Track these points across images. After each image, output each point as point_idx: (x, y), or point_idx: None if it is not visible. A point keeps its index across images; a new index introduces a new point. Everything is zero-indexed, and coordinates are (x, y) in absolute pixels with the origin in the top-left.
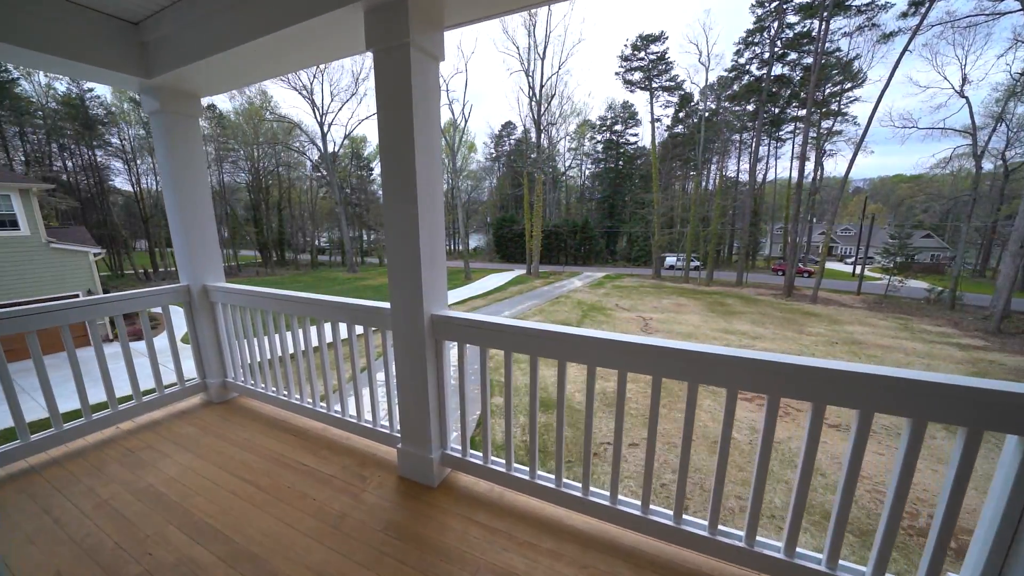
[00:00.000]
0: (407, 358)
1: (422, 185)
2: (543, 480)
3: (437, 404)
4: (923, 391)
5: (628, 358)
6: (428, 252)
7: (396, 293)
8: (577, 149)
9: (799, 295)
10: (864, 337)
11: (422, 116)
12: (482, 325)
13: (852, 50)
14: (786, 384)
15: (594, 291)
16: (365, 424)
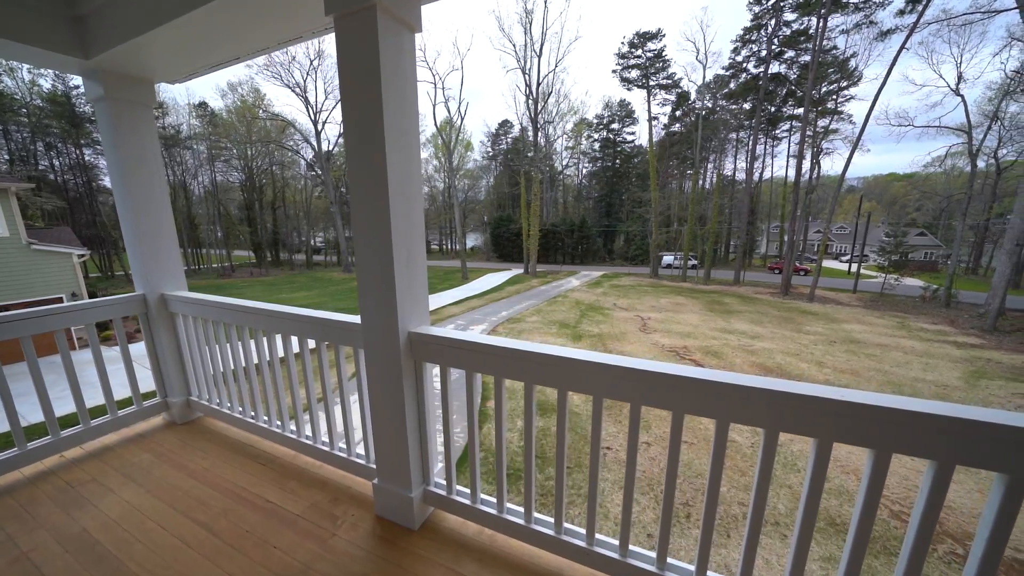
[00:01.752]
0: (381, 382)
1: (395, 176)
2: (540, 526)
3: (418, 435)
4: (881, 416)
5: (645, 388)
6: (404, 257)
7: (367, 307)
8: (574, 148)
9: (796, 293)
10: (862, 336)
11: (394, 94)
12: (468, 346)
13: (849, 48)
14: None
15: (592, 290)
16: (339, 453)
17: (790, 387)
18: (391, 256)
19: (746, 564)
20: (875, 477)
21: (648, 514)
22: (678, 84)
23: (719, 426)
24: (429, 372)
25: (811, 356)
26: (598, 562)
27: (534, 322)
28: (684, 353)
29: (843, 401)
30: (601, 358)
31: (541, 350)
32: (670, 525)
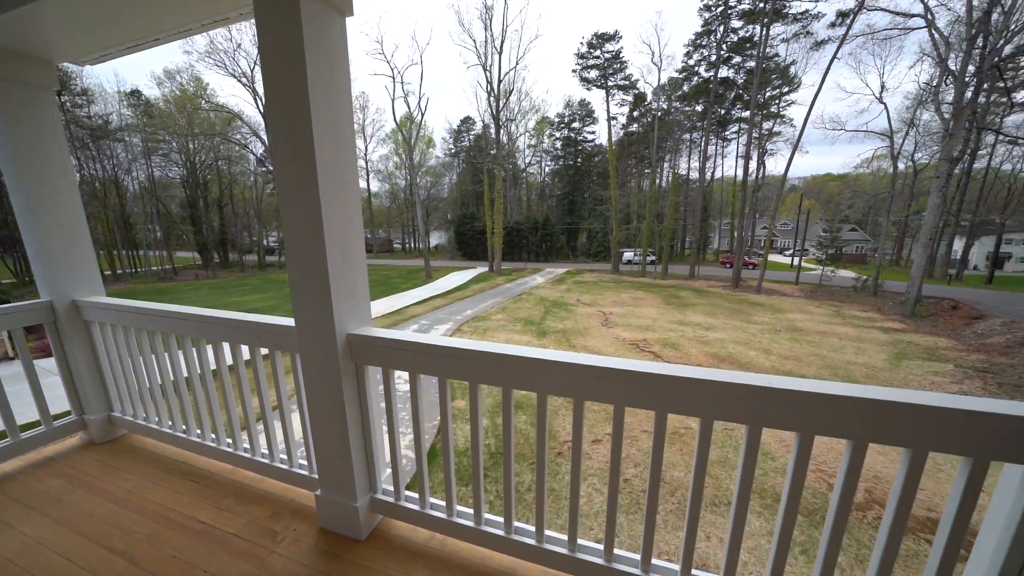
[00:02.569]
0: (319, 388)
1: (326, 170)
2: (491, 527)
3: (362, 441)
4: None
5: (588, 383)
6: (339, 254)
7: (300, 309)
8: (536, 146)
9: (745, 286)
10: (803, 324)
11: (323, 83)
12: (411, 346)
13: (789, 56)
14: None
15: (556, 287)
16: (280, 465)
17: (723, 376)
18: (324, 254)
19: (688, 545)
20: (800, 458)
21: (603, 502)
22: (635, 85)
23: (658, 417)
24: (372, 375)
25: (759, 344)
26: (547, 559)
27: (500, 320)
28: (644, 346)
29: (769, 388)
30: (545, 354)
31: (485, 348)
32: (615, 518)
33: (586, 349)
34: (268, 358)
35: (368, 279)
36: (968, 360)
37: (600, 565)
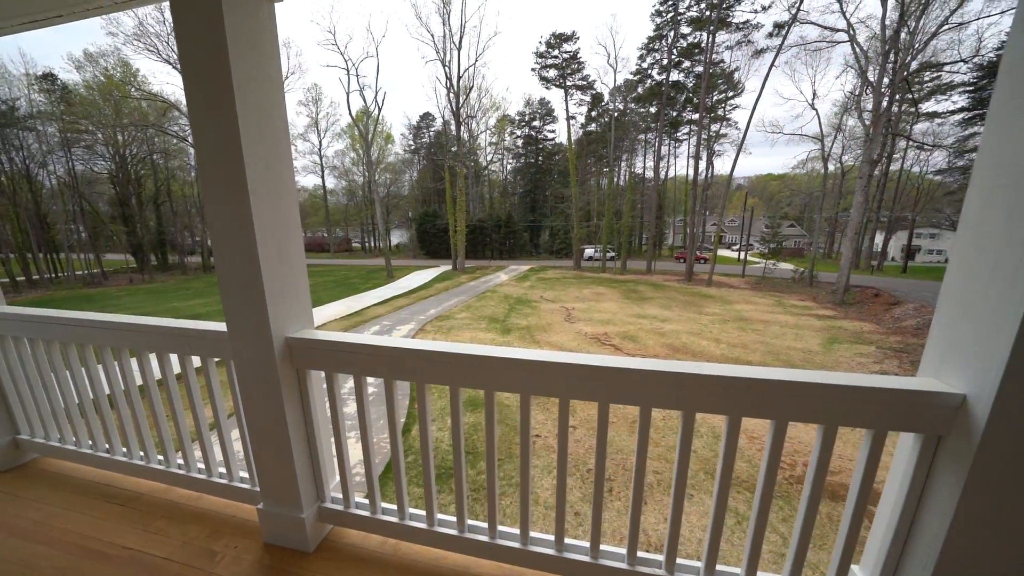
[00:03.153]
0: (256, 395)
1: (255, 163)
2: (444, 527)
3: (307, 450)
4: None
5: (534, 377)
6: (274, 254)
7: (232, 312)
8: (498, 144)
9: (698, 279)
10: (749, 314)
11: (248, 70)
12: (355, 348)
13: (733, 63)
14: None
15: (520, 284)
16: (219, 481)
17: (659, 366)
18: (256, 253)
19: (632, 527)
20: (730, 439)
21: (575, 493)
22: (592, 86)
23: (601, 408)
24: (315, 380)
25: (710, 334)
26: (500, 554)
27: (464, 318)
28: (604, 339)
29: (700, 375)
30: (493, 351)
31: (432, 347)
32: (564, 508)
33: (549, 345)
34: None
35: (324, 280)
36: (887, 342)
37: (551, 556)
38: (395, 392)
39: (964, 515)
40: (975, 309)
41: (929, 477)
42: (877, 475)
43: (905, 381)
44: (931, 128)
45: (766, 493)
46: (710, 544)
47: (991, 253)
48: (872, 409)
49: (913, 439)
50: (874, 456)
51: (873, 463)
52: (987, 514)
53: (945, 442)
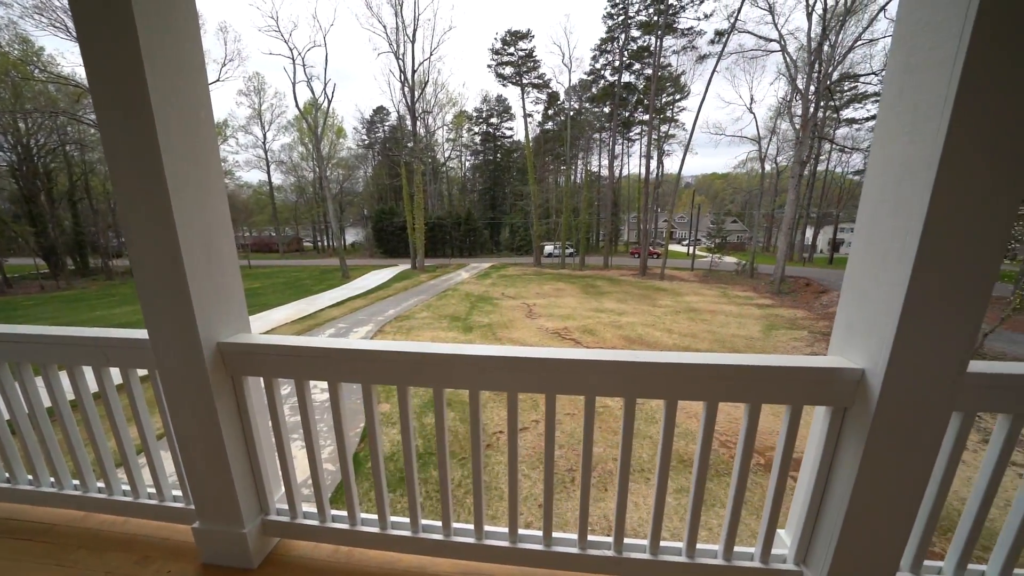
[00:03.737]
0: (185, 407)
1: (174, 155)
2: (398, 529)
3: (246, 461)
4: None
5: (484, 374)
6: (201, 254)
7: (153, 317)
8: (456, 140)
9: (651, 273)
10: (698, 305)
11: (162, 52)
12: (297, 351)
13: (679, 67)
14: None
15: (481, 282)
16: (147, 502)
17: (604, 356)
18: (179, 252)
19: (582, 514)
20: (668, 422)
21: (540, 486)
22: (548, 84)
23: (548, 400)
24: (253, 387)
25: (663, 325)
26: (455, 551)
27: (424, 318)
28: (565, 334)
29: (641, 363)
30: (440, 348)
31: (378, 347)
32: (517, 500)
33: (511, 341)
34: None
35: (274, 282)
36: (818, 327)
37: (505, 547)
38: (342, 395)
39: (865, 475)
40: (869, 294)
41: (838, 444)
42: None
43: (816, 360)
44: (850, 133)
45: (701, 470)
46: (654, 522)
47: (880, 243)
48: (789, 387)
49: (824, 412)
50: (792, 429)
51: (792, 435)
52: (882, 473)
53: (850, 412)
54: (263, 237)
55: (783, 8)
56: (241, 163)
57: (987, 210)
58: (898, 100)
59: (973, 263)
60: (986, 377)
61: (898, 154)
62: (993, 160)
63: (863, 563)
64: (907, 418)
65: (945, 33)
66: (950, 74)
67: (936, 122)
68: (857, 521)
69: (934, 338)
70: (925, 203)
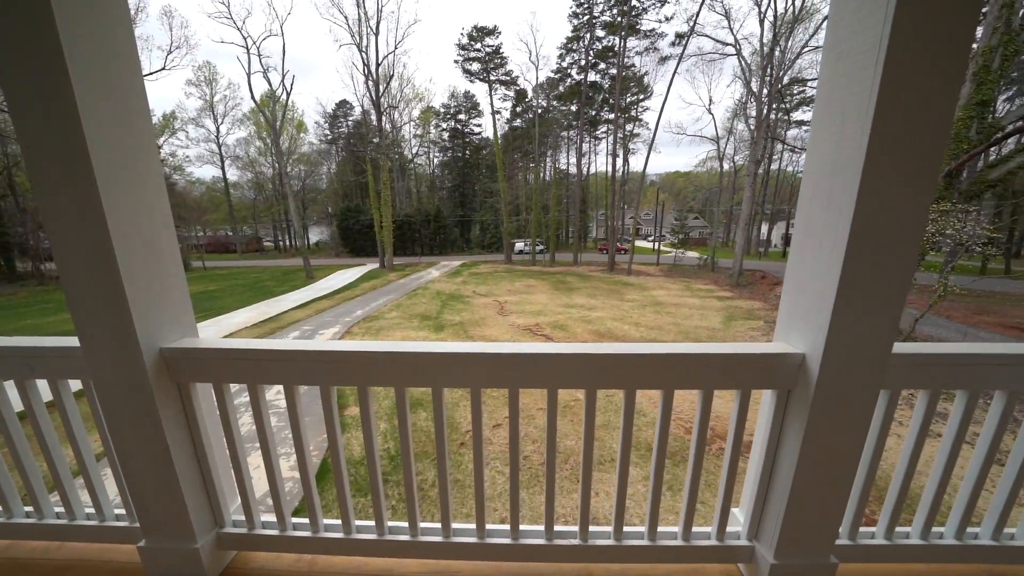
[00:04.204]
0: (125, 418)
1: (101, 144)
2: (363, 533)
3: (197, 472)
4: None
5: (447, 372)
6: (139, 252)
7: (84, 323)
8: (423, 136)
9: (619, 269)
10: (663, 299)
11: (87, 32)
12: (250, 354)
13: (643, 67)
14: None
15: (452, 280)
16: (86, 523)
17: (565, 349)
18: (111, 252)
19: (548, 503)
20: (627, 411)
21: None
22: (516, 81)
23: (512, 394)
24: (202, 394)
25: (631, 319)
26: (423, 551)
27: (394, 318)
28: (536, 330)
29: (601, 355)
30: (402, 346)
31: (335, 347)
32: (483, 496)
33: (483, 338)
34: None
35: (232, 284)
36: (772, 316)
37: (473, 543)
38: (299, 399)
39: (806, 452)
40: (807, 283)
41: (783, 425)
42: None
43: (762, 347)
44: (800, 134)
45: (660, 456)
46: (616, 509)
47: (815, 236)
48: (738, 373)
49: (770, 395)
50: (742, 413)
51: (742, 419)
52: (821, 449)
53: (793, 394)
54: (219, 237)
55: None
56: (192, 158)
57: (904, 206)
58: (829, 104)
59: (894, 254)
60: (908, 357)
61: (829, 154)
62: (909, 161)
63: (807, 534)
64: (842, 397)
65: (866, 44)
66: (872, 81)
67: (861, 125)
68: (801, 495)
69: (864, 323)
70: (853, 199)
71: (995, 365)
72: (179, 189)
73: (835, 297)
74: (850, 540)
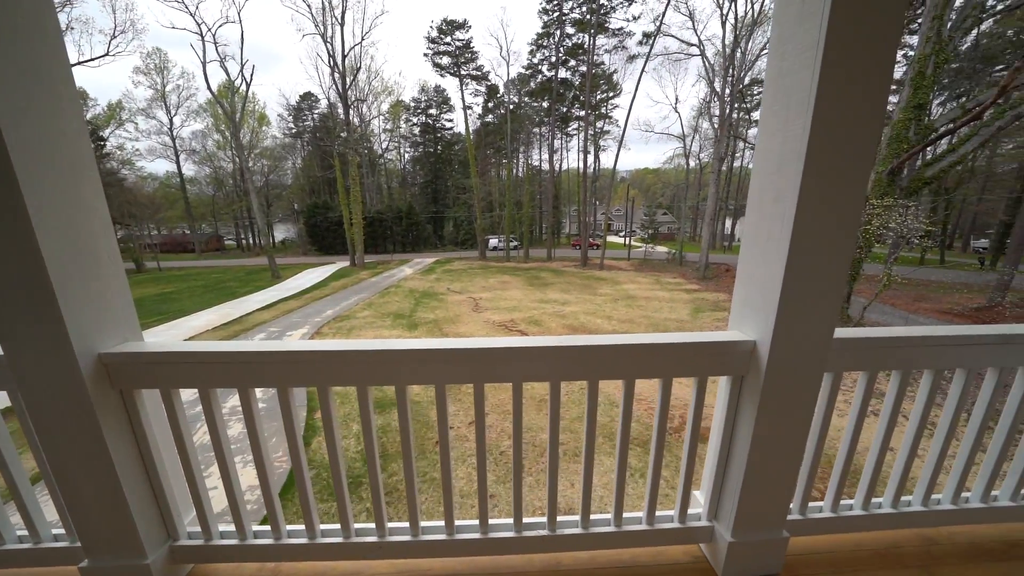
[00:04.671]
0: (60, 431)
1: (22, 141)
2: (329, 537)
3: (146, 484)
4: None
5: (411, 369)
6: (68, 251)
7: (10, 329)
8: (393, 131)
9: (592, 264)
10: (635, 292)
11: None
12: (199, 357)
13: (612, 65)
14: None
15: (425, 277)
16: (17, 546)
17: (528, 342)
18: (39, 253)
19: (516, 496)
20: (591, 402)
21: (488, 477)
22: (487, 77)
23: (476, 389)
24: (149, 401)
25: (604, 313)
26: (391, 551)
27: (366, 317)
28: (511, 325)
29: (564, 347)
30: (365, 345)
31: (294, 347)
32: (451, 493)
33: (458, 335)
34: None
35: (191, 285)
36: None
37: (443, 540)
38: (254, 402)
39: (759, 433)
40: (757, 273)
41: (738, 409)
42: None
43: (716, 335)
44: None
45: (623, 444)
46: (583, 498)
47: (764, 228)
48: (695, 361)
49: (725, 381)
50: (700, 399)
51: (700, 405)
52: (772, 430)
53: (746, 380)
54: (175, 235)
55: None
56: (143, 151)
57: (842, 197)
58: (774, 101)
59: (833, 244)
60: (848, 341)
61: (776, 148)
62: (845, 156)
63: (761, 511)
64: (790, 381)
65: (805, 45)
66: (811, 80)
67: (803, 120)
68: (755, 475)
69: (808, 310)
70: (796, 191)
71: (921, 347)
72: (129, 184)
73: (781, 286)
74: (800, 515)
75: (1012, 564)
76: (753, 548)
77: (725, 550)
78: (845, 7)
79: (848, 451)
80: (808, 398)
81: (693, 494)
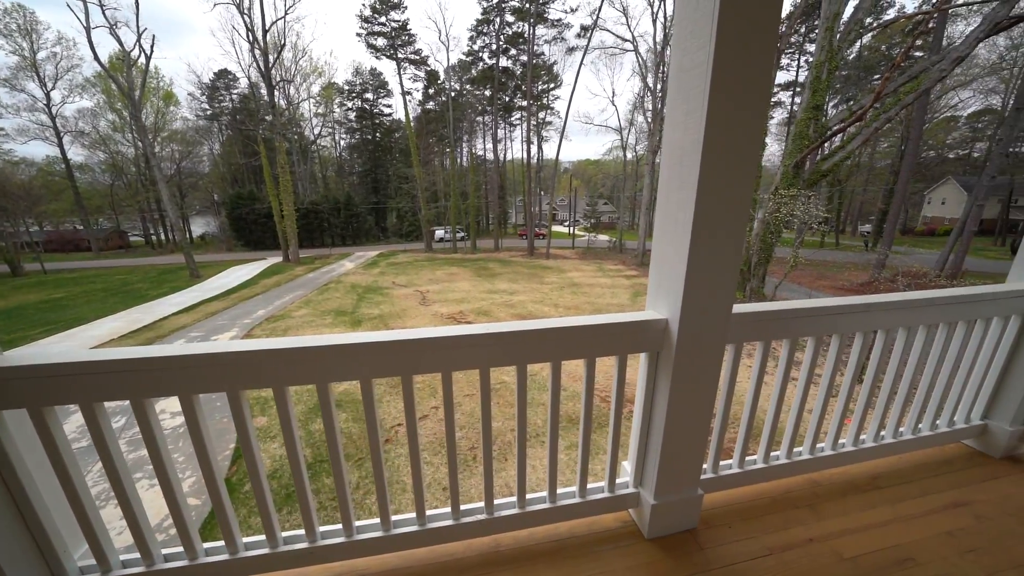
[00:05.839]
0: None
1: None
2: (253, 549)
3: (16, 517)
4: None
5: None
6: None
7: None
8: (327, 115)
9: (538, 254)
10: (579, 280)
11: None
12: (81, 368)
13: (552, 56)
14: None
15: (368, 271)
16: None
17: (457, 331)
18: None
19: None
20: (520, 385)
21: (441, 470)
22: (426, 61)
23: (405, 381)
24: (15, 423)
25: (550, 300)
26: (322, 556)
27: (304, 315)
28: (460, 317)
29: (492, 334)
30: (280, 343)
31: (197, 350)
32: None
33: None
34: None
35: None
36: None
37: (379, 537)
38: (151, 415)
39: (673, 403)
40: (667, 256)
41: (655, 383)
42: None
43: (634, 315)
44: None
45: (553, 424)
46: (518, 478)
47: (671, 215)
48: (616, 340)
49: (644, 357)
50: (621, 376)
51: (621, 381)
52: (684, 399)
53: (661, 356)
54: (64, 232)
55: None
56: (10, 131)
57: (733, 185)
58: (677, 95)
59: (728, 229)
60: (746, 315)
61: (679, 140)
62: (737, 146)
63: (678, 473)
64: (697, 353)
65: (700, 42)
66: (706, 76)
67: (700, 113)
68: (671, 441)
69: (710, 289)
70: (696, 179)
71: (805, 318)
72: None
73: (686, 268)
74: (713, 473)
75: (875, 493)
76: (673, 507)
77: (649, 513)
78: (732, 5)
79: (750, 413)
80: (713, 368)
81: (622, 464)
